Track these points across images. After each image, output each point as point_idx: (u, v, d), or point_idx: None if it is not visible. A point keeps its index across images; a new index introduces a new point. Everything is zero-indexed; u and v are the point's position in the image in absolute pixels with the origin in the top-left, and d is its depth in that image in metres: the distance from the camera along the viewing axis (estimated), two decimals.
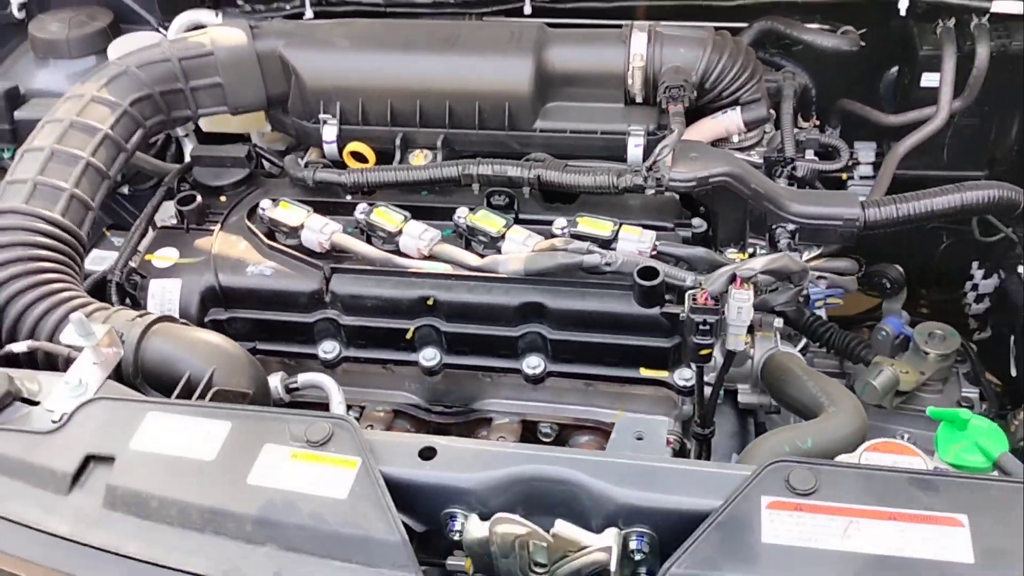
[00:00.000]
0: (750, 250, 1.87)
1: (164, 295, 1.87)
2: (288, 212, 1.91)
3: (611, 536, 1.18)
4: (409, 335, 1.84)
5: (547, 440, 1.92)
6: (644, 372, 1.79)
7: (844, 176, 2.28)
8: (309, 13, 2.36)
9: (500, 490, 1.24)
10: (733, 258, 1.84)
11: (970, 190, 1.86)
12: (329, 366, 1.88)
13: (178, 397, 1.48)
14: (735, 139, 2.03)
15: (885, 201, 1.86)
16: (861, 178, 2.39)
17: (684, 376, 1.77)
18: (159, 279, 1.88)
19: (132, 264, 1.89)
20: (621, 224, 1.80)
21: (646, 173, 1.79)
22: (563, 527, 1.18)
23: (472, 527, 1.22)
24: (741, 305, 1.60)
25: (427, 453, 1.27)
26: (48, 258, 1.67)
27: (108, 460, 1.29)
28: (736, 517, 1.16)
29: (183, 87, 2.00)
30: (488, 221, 1.85)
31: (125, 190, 2.43)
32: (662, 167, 1.79)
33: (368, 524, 1.19)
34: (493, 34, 2.04)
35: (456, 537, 1.25)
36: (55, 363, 1.54)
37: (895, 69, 2.38)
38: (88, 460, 1.29)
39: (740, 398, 1.93)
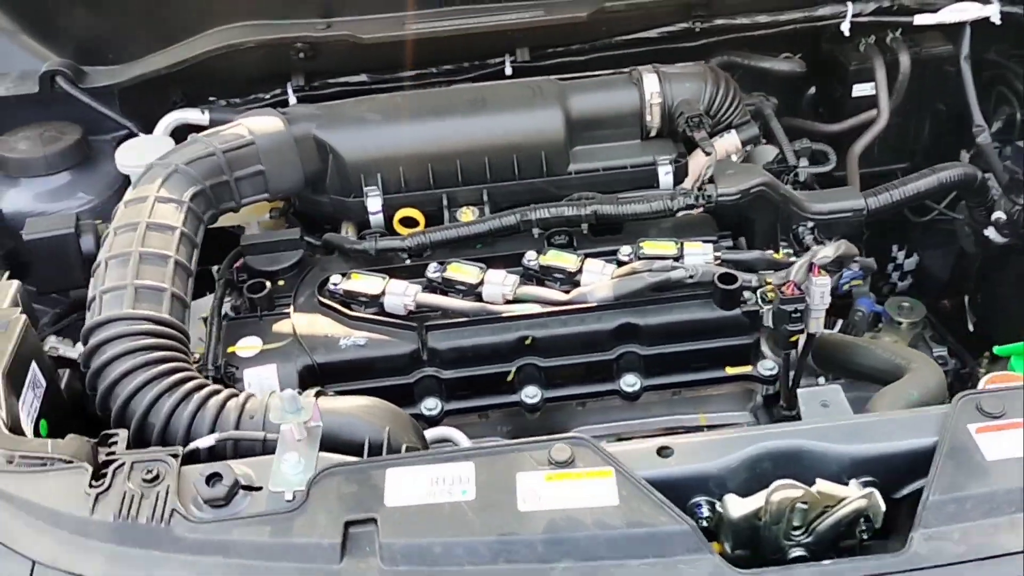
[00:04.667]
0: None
1: (261, 382, 1.86)
2: (365, 282, 1.96)
3: (854, 488, 1.34)
4: (510, 377, 1.93)
5: None
6: (730, 370, 1.97)
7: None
8: (292, 100, 2.42)
9: (741, 471, 1.38)
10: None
11: (943, 171, 2.21)
12: (432, 423, 1.93)
13: None
14: (733, 158, 2.28)
15: (880, 190, 2.16)
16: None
17: (767, 367, 1.96)
18: (251, 368, 1.88)
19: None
20: (683, 242, 1.99)
21: (697, 192, 2.00)
22: (824, 485, 1.33)
23: (733, 506, 1.34)
24: (823, 290, 1.83)
25: (664, 452, 1.39)
26: (170, 358, 1.65)
27: (368, 522, 1.31)
28: (956, 447, 1.36)
29: (228, 178, 2.01)
30: (561, 259, 1.98)
31: None
32: (709, 186, 2.00)
33: (652, 520, 1.29)
34: (517, 92, 2.20)
35: (704, 524, 1.37)
36: (223, 453, 1.53)
37: (813, 88, 2.73)
38: (347, 527, 1.31)
39: None
